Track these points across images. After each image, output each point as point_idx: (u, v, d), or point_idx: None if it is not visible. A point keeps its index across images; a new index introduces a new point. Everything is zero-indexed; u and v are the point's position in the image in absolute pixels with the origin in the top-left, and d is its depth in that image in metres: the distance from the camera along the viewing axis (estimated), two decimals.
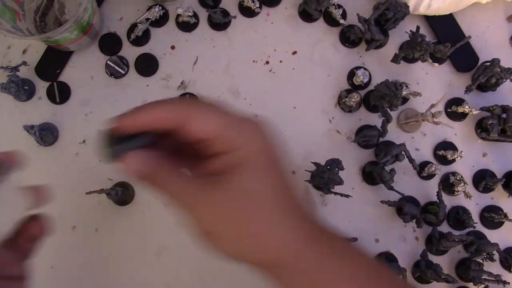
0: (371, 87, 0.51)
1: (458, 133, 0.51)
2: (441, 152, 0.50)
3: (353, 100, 0.50)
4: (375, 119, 0.51)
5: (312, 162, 0.48)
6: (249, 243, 0.28)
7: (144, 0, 0.52)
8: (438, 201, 0.47)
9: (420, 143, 0.51)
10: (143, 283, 0.48)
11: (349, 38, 0.52)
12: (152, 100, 0.50)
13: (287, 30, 0.52)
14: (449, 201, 0.50)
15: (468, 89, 0.50)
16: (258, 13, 0.52)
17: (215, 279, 0.49)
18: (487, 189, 0.50)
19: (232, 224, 0.28)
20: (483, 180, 0.50)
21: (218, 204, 0.28)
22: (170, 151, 0.31)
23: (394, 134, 0.51)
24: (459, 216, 0.49)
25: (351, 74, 0.51)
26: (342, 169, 0.47)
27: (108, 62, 0.51)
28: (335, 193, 0.47)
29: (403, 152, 0.48)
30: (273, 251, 0.28)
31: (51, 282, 0.48)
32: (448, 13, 0.51)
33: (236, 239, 0.28)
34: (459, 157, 0.49)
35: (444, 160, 0.50)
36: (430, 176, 0.50)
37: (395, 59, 0.50)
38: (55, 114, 0.51)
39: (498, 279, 0.46)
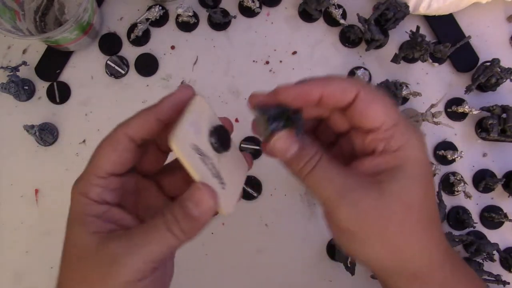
0: None
1: (458, 133, 0.51)
2: (441, 152, 0.50)
3: None
4: None
5: None
6: (394, 250, 0.27)
7: (144, 0, 0.52)
8: (438, 201, 0.47)
9: None
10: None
11: (349, 38, 0.52)
12: (152, 100, 0.50)
13: (287, 30, 0.52)
14: (449, 201, 0.50)
15: (468, 89, 0.50)
16: (258, 13, 0.52)
17: (214, 279, 0.49)
18: (487, 189, 0.50)
19: (381, 228, 0.27)
20: (483, 180, 0.50)
21: (370, 206, 0.26)
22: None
23: None
24: (459, 216, 0.49)
25: (351, 74, 0.51)
26: None
27: (108, 62, 0.51)
28: None
29: None
30: (415, 261, 0.28)
31: (51, 282, 0.48)
32: (448, 13, 0.51)
33: (381, 245, 0.27)
34: (459, 157, 0.49)
35: (444, 160, 0.50)
36: None
37: (395, 59, 0.50)
38: (55, 114, 0.51)
39: (498, 279, 0.46)
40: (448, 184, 0.50)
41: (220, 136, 0.29)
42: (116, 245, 0.26)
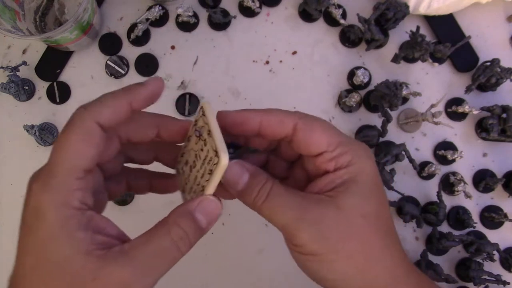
0: (371, 87, 0.51)
1: (458, 133, 0.51)
2: (441, 152, 0.50)
3: (353, 100, 0.50)
4: (375, 119, 0.51)
5: None
6: (360, 269, 0.27)
7: (144, 0, 0.52)
8: (438, 201, 0.47)
9: (420, 143, 0.51)
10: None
11: (349, 38, 0.52)
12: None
13: (287, 30, 0.52)
14: (449, 201, 0.50)
15: (468, 89, 0.50)
16: (258, 13, 0.52)
17: (217, 280, 0.49)
18: (487, 189, 0.50)
19: (344, 244, 0.27)
20: (483, 180, 0.50)
21: (331, 221, 0.26)
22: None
23: (394, 134, 0.51)
24: (459, 216, 0.49)
25: (351, 74, 0.51)
26: None
27: (108, 62, 0.51)
28: None
29: (403, 152, 0.48)
30: (380, 280, 0.27)
31: None
32: (448, 13, 0.51)
33: (347, 263, 0.27)
34: (459, 157, 0.49)
35: (444, 160, 0.50)
36: (430, 176, 0.50)
37: (395, 59, 0.50)
38: (55, 114, 0.51)
39: (498, 279, 0.46)
40: (448, 184, 0.50)
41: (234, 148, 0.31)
42: (123, 270, 0.23)
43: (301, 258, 0.28)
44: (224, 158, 0.25)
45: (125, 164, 0.32)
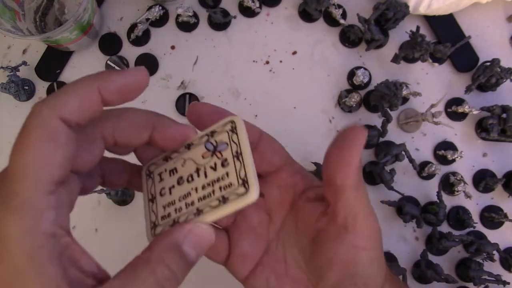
0: (371, 87, 0.51)
1: (458, 133, 0.51)
2: (441, 152, 0.50)
3: (353, 100, 0.50)
4: (375, 119, 0.51)
5: (312, 162, 0.48)
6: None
7: (144, 0, 0.52)
8: (438, 201, 0.47)
9: (420, 143, 0.51)
10: None
11: (349, 38, 0.52)
12: (152, 100, 0.50)
13: (287, 30, 0.52)
14: (449, 201, 0.50)
15: (468, 89, 0.50)
16: (258, 13, 0.52)
17: (214, 278, 0.49)
18: (487, 189, 0.50)
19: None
20: (483, 180, 0.50)
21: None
22: None
23: (394, 134, 0.51)
24: (459, 216, 0.49)
25: (351, 74, 0.51)
26: None
27: (108, 62, 0.51)
28: None
29: (403, 152, 0.48)
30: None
31: None
32: (448, 13, 0.51)
33: None
34: (459, 157, 0.49)
35: (444, 160, 0.50)
36: (430, 176, 0.50)
37: (395, 59, 0.50)
38: None
39: (498, 279, 0.46)
40: (448, 184, 0.50)
41: None
42: None
43: None
44: (255, 192, 0.22)
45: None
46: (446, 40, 0.50)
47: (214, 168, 0.24)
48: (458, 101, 0.51)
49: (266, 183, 0.30)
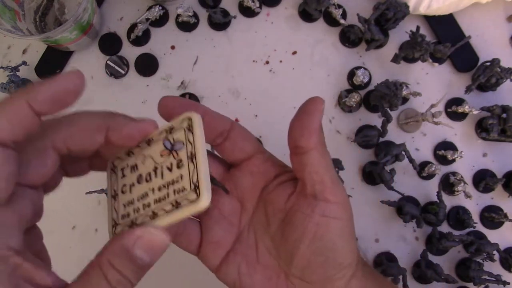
0: (371, 87, 0.51)
1: (458, 133, 0.51)
2: (441, 152, 0.50)
3: (353, 100, 0.50)
4: (375, 119, 0.51)
5: None
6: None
7: (144, 0, 0.52)
8: (438, 201, 0.47)
9: (420, 143, 0.51)
10: (142, 282, 0.48)
11: (349, 38, 0.52)
12: (152, 100, 0.50)
13: (287, 30, 0.52)
14: (449, 201, 0.50)
15: (468, 89, 0.50)
16: (258, 13, 0.52)
17: (214, 278, 0.49)
18: (487, 189, 0.50)
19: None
20: (483, 180, 0.50)
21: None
22: None
23: (394, 134, 0.51)
24: (459, 216, 0.49)
25: (351, 74, 0.51)
26: (342, 169, 0.47)
27: (108, 62, 0.51)
28: None
29: (403, 152, 0.48)
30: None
31: None
32: (448, 13, 0.51)
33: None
34: (459, 157, 0.49)
35: (444, 160, 0.50)
36: (430, 176, 0.50)
37: (395, 59, 0.50)
38: (55, 114, 0.51)
39: (498, 279, 0.46)
40: (448, 184, 0.50)
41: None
42: None
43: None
44: (206, 200, 0.21)
45: None
46: (446, 40, 0.50)
47: (170, 169, 0.23)
48: (458, 101, 0.51)
49: (239, 171, 0.30)
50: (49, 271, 0.21)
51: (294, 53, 0.52)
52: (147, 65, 0.51)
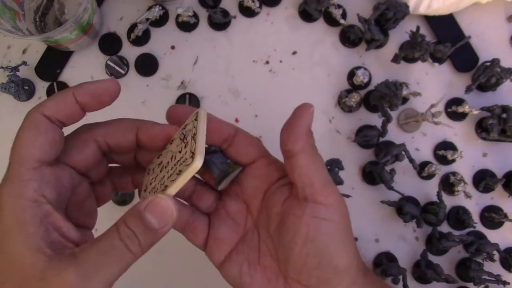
0: (371, 87, 0.51)
1: (458, 133, 0.51)
2: (441, 152, 0.50)
3: (353, 100, 0.50)
4: (375, 119, 0.51)
5: None
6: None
7: (144, 0, 0.52)
8: (438, 201, 0.47)
9: (420, 143, 0.51)
10: (142, 283, 0.48)
11: (349, 38, 0.52)
12: (152, 100, 0.50)
13: (287, 30, 0.52)
14: (449, 201, 0.50)
15: (468, 89, 0.50)
16: (258, 13, 0.52)
17: (213, 282, 0.49)
18: (487, 189, 0.50)
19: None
20: (483, 180, 0.50)
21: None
22: None
23: (394, 134, 0.51)
24: (459, 216, 0.49)
25: (351, 74, 0.51)
26: (342, 169, 0.47)
27: (108, 62, 0.51)
28: None
29: (403, 152, 0.48)
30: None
31: None
32: (448, 13, 0.51)
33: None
34: (459, 157, 0.49)
35: (444, 160, 0.50)
36: (430, 176, 0.50)
37: (395, 59, 0.50)
38: None
39: (498, 279, 0.46)
40: (448, 184, 0.50)
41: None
42: (69, 272, 0.22)
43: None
44: (199, 160, 0.24)
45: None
46: (446, 40, 0.50)
47: (180, 151, 0.27)
48: (458, 101, 0.51)
49: (244, 174, 0.32)
50: (75, 230, 0.25)
51: (294, 53, 0.52)
52: (147, 65, 0.51)
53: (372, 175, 0.49)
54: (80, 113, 0.27)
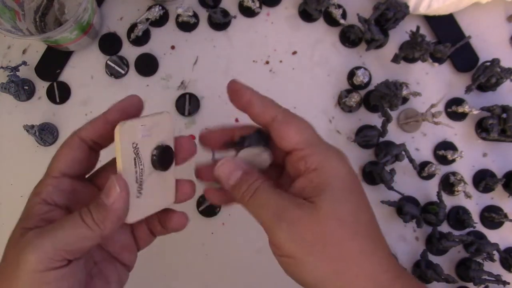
0: (371, 87, 0.51)
1: (458, 133, 0.51)
2: (441, 152, 0.50)
3: (353, 100, 0.50)
4: (375, 119, 0.51)
5: None
6: (337, 271, 0.27)
7: (144, 0, 0.52)
8: (438, 201, 0.47)
9: (420, 143, 0.51)
10: (142, 282, 0.48)
11: (349, 38, 0.52)
12: (152, 100, 0.50)
13: (287, 30, 0.52)
14: (449, 201, 0.50)
15: (468, 89, 0.50)
16: (258, 13, 0.52)
17: (214, 279, 0.49)
18: (487, 189, 0.50)
19: (320, 247, 0.27)
20: (483, 180, 0.50)
21: (307, 224, 0.27)
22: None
23: (394, 134, 0.51)
24: (459, 216, 0.49)
25: (351, 74, 0.51)
26: None
27: (108, 62, 0.51)
28: None
29: (403, 152, 0.48)
30: (356, 281, 0.27)
31: None
32: (448, 13, 0.51)
33: (323, 265, 0.27)
34: (459, 157, 0.49)
35: (444, 160, 0.50)
36: (430, 176, 0.50)
37: (395, 59, 0.50)
38: (55, 114, 0.51)
39: (498, 279, 0.46)
40: (448, 184, 0.50)
41: (163, 154, 0.30)
42: (30, 233, 0.27)
43: (281, 261, 0.29)
44: (118, 125, 0.28)
45: None
46: (446, 40, 0.50)
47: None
48: (458, 101, 0.51)
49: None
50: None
51: (294, 53, 0.52)
52: (147, 65, 0.51)
53: (372, 175, 0.49)
54: (109, 128, 0.30)
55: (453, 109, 0.51)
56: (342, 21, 0.51)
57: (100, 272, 0.31)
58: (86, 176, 0.33)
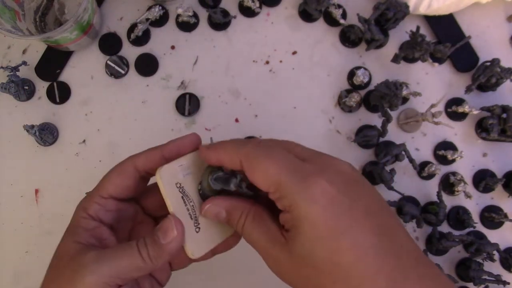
0: (371, 87, 0.51)
1: (458, 133, 0.51)
2: (441, 152, 0.50)
3: (353, 100, 0.50)
4: (375, 119, 0.51)
5: None
6: None
7: (144, 0, 0.52)
8: (438, 201, 0.47)
9: (420, 143, 0.51)
10: None
11: (349, 38, 0.52)
12: (152, 100, 0.50)
13: (287, 30, 0.52)
14: (449, 201, 0.50)
15: (468, 89, 0.50)
16: (258, 13, 0.52)
17: (214, 279, 0.49)
18: (487, 189, 0.50)
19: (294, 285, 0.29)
20: (483, 180, 0.50)
21: (287, 266, 0.28)
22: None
23: (394, 134, 0.51)
24: (459, 216, 0.49)
25: (351, 74, 0.51)
26: None
27: (108, 62, 0.51)
28: None
29: (403, 152, 0.48)
30: None
31: None
32: (448, 13, 0.51)
33: None
34: (459, 157, 0.49)
35: (444, 160, 0.50)
36: (430, 176, 0.50)
37: (395, 59, 0.50)
38: (55, 114, 0.51)
39: (498, 279, 0.46)
40: (448, 184, 0.50)
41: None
42: (88, 254, 0.29)
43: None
44: (158, 171, 0.30)
45: None
46: (446, 40, 0.50)
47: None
48: (458, 101, 0.51)
49: None
50: (114, 236, 0.33)
51: (294, 53, 0.52)
52: (147, 65, 0.51)
53: (372, 175, 0.49)
54: (163, 161, 0.31)
55: (453, 109, 0.51)
56: (342, 21, 0.51)
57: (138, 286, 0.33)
58: None
